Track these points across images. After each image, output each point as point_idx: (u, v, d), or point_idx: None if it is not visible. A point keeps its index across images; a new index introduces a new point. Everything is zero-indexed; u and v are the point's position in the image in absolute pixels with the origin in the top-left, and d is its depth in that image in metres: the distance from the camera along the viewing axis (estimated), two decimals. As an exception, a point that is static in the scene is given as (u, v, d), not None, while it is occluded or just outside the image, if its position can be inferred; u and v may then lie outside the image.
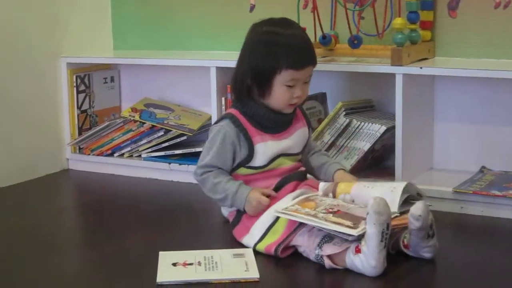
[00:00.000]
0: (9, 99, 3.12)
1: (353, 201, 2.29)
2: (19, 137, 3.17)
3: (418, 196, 2.29)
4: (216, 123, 2.48)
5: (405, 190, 2.24)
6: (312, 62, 2.43)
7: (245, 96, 2.44)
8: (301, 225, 2.20)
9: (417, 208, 2.12)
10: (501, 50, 2.82)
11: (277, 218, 2.27)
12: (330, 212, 2.20)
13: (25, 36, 3.19)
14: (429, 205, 2.26)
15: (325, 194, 2.33)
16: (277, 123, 2.45)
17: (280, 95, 2.40)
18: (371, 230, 2.06)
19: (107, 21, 3.56)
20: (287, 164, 2.47)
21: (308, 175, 2.51)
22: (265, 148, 2.42)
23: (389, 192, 2.23)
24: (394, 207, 2.19)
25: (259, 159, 2.42)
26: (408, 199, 2.26)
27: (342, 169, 2.53)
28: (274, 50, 2.37)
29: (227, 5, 3.30)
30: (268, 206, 2.33)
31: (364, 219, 2.12)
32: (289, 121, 2.49)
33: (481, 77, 2.67)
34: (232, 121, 2.42)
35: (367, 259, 2.07)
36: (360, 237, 2.09)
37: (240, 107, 2.45)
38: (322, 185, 2.36)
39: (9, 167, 3.12)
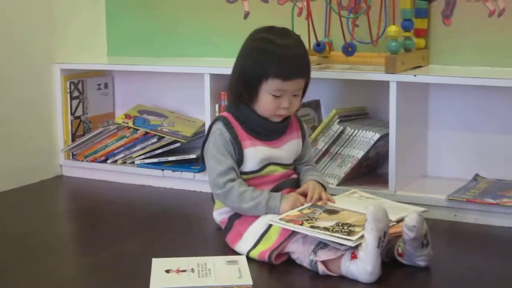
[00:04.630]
0: (2, 105, 3.12)
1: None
2: (12, 143, 3.16)
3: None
4: (210, 126, 2.48)
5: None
6: (302, 75, 2.40)
7: (238, 100, 2.44)
8: (295, 231, 2.20)
9: (411, 219, 2.11)
10: (495, 58, 2.83)
11: (271, 224, 2.27)
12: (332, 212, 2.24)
13: (20, 42, 3.18)
14: (426, 211, 2.27)
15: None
16: (268, 131, 2.45)
17: (266, 103, 2.39)
18: (369, 236, 2.06)
19: (101, 27, 3.56)
20: (279, 171, 2.46)
21: None
22: (255, 153, 2.41)
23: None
24: (392, 216, 2.20)
25: (249, 164, 2.42)
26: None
27: (316, 181, 2.46)
28: (263, 57, 2.36)
29: (221, 12, 3.29)
30: None
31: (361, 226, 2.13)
32: (282, 130, 2.49)
33: (475, 85, 2.67)
34: (224, 123, 2.42)
35: (363, 265, 2.07)
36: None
37: (233, 111, 2.45)
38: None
39: (2, 172, 3.11)
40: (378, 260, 2.07)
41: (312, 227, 2.16)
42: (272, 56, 2.36)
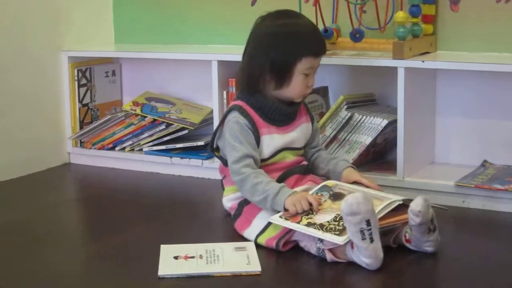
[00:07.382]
0: (10, 93, 3.12)
1: None
2: (20, 131, 3.17)
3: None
4: (223, 116, 2.46)
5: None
6: (325, 50, 2.48)
7: (254, 89, 2.43)
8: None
9: (416, 204, 2.11)
10: (503, 44, 2.81)
11: (279, 211, 2.27)
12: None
13: (27, 30, 3.18)
14: (445, 209, 2.32)
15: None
16: (283, 116, 2.46)
17: (298, 83, 2.41)
18: (349, 231, 2.07)
19: (108, 15, 3.56)
20: (290, 158, 2.47)
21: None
22: (271, 140, 2.42)
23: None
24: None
25: (263, 151, 2.42)
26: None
27: (351, 166, 2.50)
28: (296, 39, 2.40)
29: (229, -2, 3.30)
30: None
31: None
32: (293, 114, 2.49)
33: (483, 70, 2.67)
34: (240, 112, 2.41)
35: (358, 257, 2.08)
36: None
37: (246, 99, 2.45)
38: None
39: (10, 160, 3.12)
40: (371, 249, 2.06)
41: (309, 223, 2.17)
42: (303, 36, 2.41)
